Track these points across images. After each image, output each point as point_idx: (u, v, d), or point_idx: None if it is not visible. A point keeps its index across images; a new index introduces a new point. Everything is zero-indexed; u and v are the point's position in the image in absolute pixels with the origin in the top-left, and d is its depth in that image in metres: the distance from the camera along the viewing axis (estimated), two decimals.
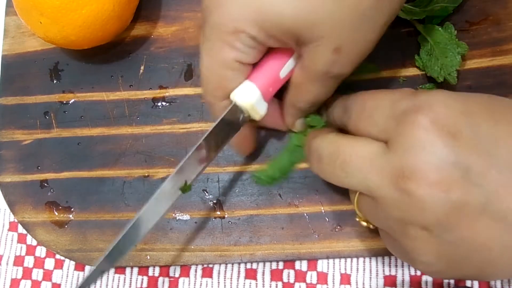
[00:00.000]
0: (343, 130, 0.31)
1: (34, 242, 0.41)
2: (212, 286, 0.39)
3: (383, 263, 0.38)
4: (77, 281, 0.40)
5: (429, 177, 0.22)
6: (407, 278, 0.37)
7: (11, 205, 0.40)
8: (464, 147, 0.21)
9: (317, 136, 0.30)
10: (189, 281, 0.39)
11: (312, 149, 0.30)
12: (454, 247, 0.23)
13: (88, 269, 0.40)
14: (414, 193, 0.22)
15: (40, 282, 0.41)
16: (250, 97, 0.30)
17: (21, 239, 0.42)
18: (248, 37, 0.27)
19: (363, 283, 0.38)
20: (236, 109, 0.30)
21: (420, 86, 0.38)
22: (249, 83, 0.30)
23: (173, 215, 0.39)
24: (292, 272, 0.38)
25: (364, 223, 0.31)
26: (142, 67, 0.42)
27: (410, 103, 0.24)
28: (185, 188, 0.31)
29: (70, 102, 0.42)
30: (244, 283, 0.39)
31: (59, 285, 0.41)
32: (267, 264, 0.39)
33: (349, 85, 0.33)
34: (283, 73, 0.31)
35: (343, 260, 0.38)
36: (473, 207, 0.21)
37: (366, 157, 0.25)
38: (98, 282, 0.40)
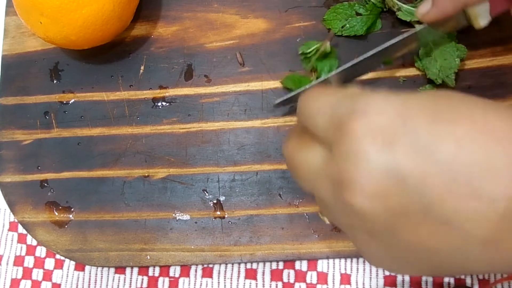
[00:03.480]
0: None
1: (34, 242, 0.42)
2: (212, 286, 0.39)
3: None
4: (77, 281, 0.40)
5: (365, 188, 0.21)
6: (407, 278, 0.37)
7: (11, 205, 0.40)
8: (399, 154, 0.21)
9: (285, 140, 0.30)
10: (189, 281, 0.39)
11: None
12: (402, 250, 0.23)
13: (88, 269, 0.40)
14: (352, 204, 0.22)
15: (40, 282, 0.41)
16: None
17: (21, 239, 0.42)
18: None
19: (363, 283, 0.38)
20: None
21: (420, 88, 0.38)
22: None
23: (173, 215, 0.39)
24: (292, 272, 0.38)
25: (326, 219, 0.31)
26: (142, 67, 0.42)
27: (347, 109, 0.23)
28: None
29: (70, 102, 0.42)
30: (244, 283, 0.39)
31: (59, 285, 0.41)
32: (267, 264, 0.39)
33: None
34: None
35: (343, 260, 0.38)
36: (413, 213, 0.21)
37: (313, 165, 0.25)
38: (99, 282, 0.40)
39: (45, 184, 0.41)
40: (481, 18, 0.32)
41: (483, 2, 0.31)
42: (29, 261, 0.41)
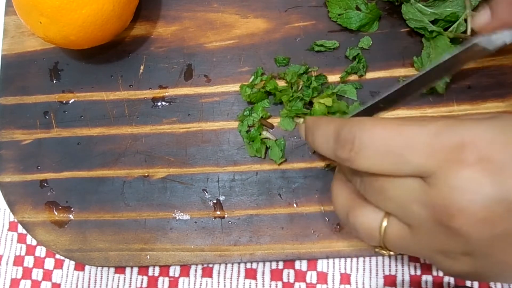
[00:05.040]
0: None
1: (34, 242, 0.42)
2: (212, 286, 0.39)
3: (383, 262, 0.38)
4: (77, 281, 0.40)
5: (475, 215, 0.22)
6: (407, 278, 0.37)
7: (11, 205, 0.40)
8: (508, 181, 0.22)
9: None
10: (189, 281, 0.39)
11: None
12: (490, 267, 0.24)
13: (87, 269, 0.40)
14: (459, 230, 0.23)
15: (40, 282, 0.41)
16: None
17: (21, 239, 0.42)
18: None
19: (363, 283, 0.38)
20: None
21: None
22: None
23: (173, 215, 0.39)
24: (292, 272, 0.38)
25: (385, 252, 0.30)
26: (141, 67, 0.42)
27: (451, 139, 0.23)
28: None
29: (70, 102, 0.42)
30: (244, 283, 0.39)
31: (59, 285, 0.41)
32: (267, 264, 0.39)
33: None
34: None
35: (343, 259, 0.38)
36: None
37: (407, 188, 0.24)
38: (98, 282, 0.40)
39: (45, 184, 0.40)
40: None
41: None
42: (29, 261, 0.41)
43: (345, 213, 0.29)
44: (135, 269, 0.40)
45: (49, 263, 0.41)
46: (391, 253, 0.29)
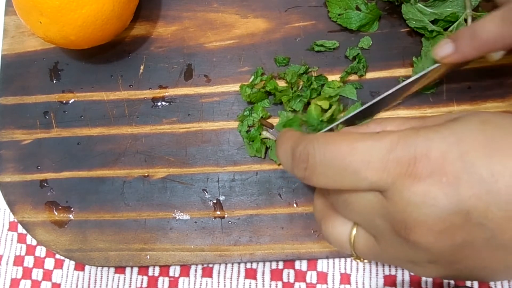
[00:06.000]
0: None
1: (34, 242, 0.42)
2: (212, 286, 0.39)
3: (383, 262, 0.38)
4: (77, 281, 0.40)
5: (433, 228, 0.22)
6: (407, 278, 0.37)
7: (11, 205, 0.40)
8: (463, 193, 0.22)
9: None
10: (189, 281, 0.39)
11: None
12: (459, 271, 0.24)
13: (87, 269, 0.40)
14: (419, 243, 0.23)
15: (40, 282, 0.41)
16: None
17: (21, 239, 0.42)
18: None
19: (363, 283, 0.38)
20: None
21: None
22: None
23: (173, 215, 0.39)
24: (292, 272, 0.38)
25: (359, 261, 0.30)
26: (141, 67, 0.42)
27: (404, 154, 0.23)
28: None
29: (70, 102, 0.42)
30: (244, 283, 0.39)
31: (59, 285, 0.41)
32: (267, 264, 0.39)
33: None
34: None
35: (343, 259, 0.38)
36: (477, 243, 0.22)
37: (368, 202, 0.24)
38: (98, 282, 0.40)
39: (45, 184, 0.40)
40: (496, 54, 0.32)
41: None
42: (29, 261, 0.41)
43: (319, 222, 0.29)
44: (135, 269, 0.40)
45: (49, 263, 0.41)
46: (365, 261, 0.29)
